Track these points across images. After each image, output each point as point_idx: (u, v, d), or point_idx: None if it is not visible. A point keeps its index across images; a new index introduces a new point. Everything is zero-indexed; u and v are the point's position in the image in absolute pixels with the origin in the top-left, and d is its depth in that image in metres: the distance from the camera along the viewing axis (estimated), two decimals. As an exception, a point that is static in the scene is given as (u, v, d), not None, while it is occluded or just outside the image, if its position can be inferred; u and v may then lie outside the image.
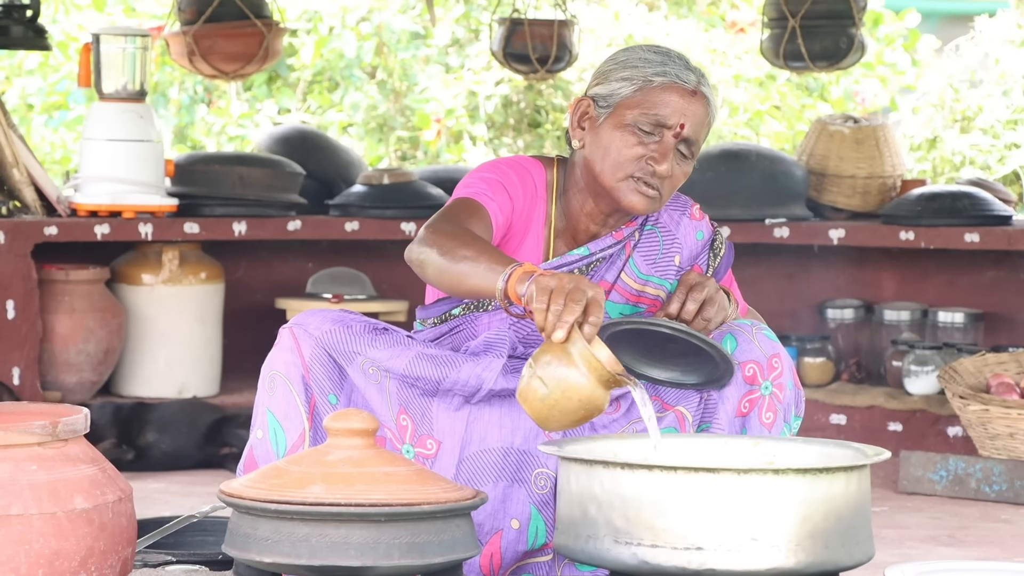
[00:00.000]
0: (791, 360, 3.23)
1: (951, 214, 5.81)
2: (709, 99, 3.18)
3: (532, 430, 3.17)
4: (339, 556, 2.55)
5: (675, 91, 3.14)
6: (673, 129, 3.14)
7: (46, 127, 9.51)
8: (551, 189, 3.26)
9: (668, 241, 3.29)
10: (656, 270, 3.28)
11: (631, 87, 3.15)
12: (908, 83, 9.31)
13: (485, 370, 3.14)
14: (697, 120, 3.16)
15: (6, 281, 5.49)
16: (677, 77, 3.14)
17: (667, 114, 3.13)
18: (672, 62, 3.16)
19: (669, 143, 3.14)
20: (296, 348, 3.11)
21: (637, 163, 3.14)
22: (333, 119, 9.30)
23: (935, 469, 5.10)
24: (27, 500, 2.63)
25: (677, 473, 2.58)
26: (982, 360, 5.41)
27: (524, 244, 3.23)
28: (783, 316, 6.23)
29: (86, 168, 5.78)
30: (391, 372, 3.13)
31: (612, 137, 3.15)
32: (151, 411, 5.37)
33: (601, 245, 3.24)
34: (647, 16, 9.22)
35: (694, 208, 3.35)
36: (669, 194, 3.20)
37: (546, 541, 3.18)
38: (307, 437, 3.10)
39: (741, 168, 6.02)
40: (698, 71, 3.19)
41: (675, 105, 3.14)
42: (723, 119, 8.87)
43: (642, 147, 3.14)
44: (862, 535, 2.68)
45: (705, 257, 3.33)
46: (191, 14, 6.09)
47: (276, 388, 3.11)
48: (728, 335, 3.20)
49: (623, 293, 3.26)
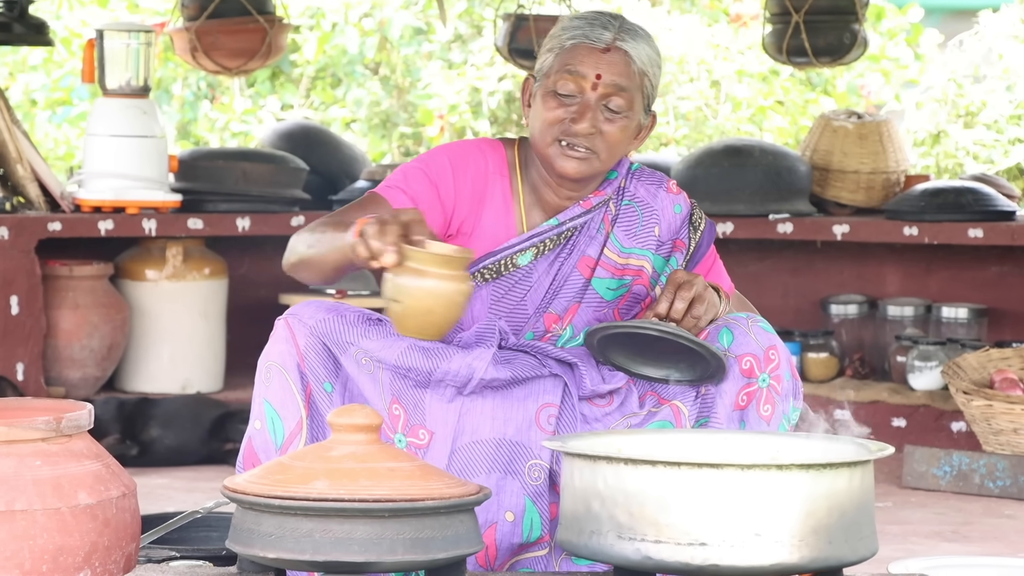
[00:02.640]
0: (788, 351, 3.23)
1: (955, 209, 5.81)
2: (630, 52, 3.19)
3: (525, 421, 3.18)
4: (343, 552, 2.55)
5: (585, 50, 3.18)
6: (589, 80, 3.17)
7: (50, 123, 9.51)
8: (513, 167, 3.29)
9: (647, 214, 3.32)
10: (637, 242, 3.30)
11: (552, 56, 3.21)
12: (911, 77, 9.30)
13: (476, 360, 3.15)
14: (616, 71, 3.18)
15: (10, 277, 5.49)
16: (587, 37, 3.18)
17: (580, 69, 3.17)
18: (589, 25, 3.20)
19: (588, 101, 3.17)
20: (291, 338, 3.13)
21: (560, 126, 3.18)
22: (336, 115, 9.30)
23: (939, 465, 5.10)
24: (31, 496, 2.63)
25: (681, 469, 2.58)
26: (986, 356, 5.41)
27: (484, 221, 3.25)
28: (787, 312, 6.24)
29: (90, 164, 5.78)
30: (383, 363, 3.14)
31: (539, 106, 3.21)
32: (155, 407, 5.37)
33: (570, 215, 3.27)
34: (650, 11, 9.21)
35: (671, 183, 3.37)
36: (608, 154, 3.22)
37: (541, 534, 3.18)
38: (304, 425, 3.11)
39: (745, 164, 6.02)
40: (622, 28, 3.21)
41: (588, 63, 3.17)
42: (726, 115, 8.87)
43: (563, 110, 3.18)
44: (866, 531, 2.68)
45: (685, 232, 3.35)
46: (194, 10, 6.09)
47: (272, 378, 3.12)
48: (724, 329, 3.20)
49: (608, 268, 3.28)
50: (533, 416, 3.18)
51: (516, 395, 3.19)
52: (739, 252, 6.26)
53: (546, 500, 3.18)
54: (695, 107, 8.89)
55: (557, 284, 3.27)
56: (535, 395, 3.19)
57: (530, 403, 3.19)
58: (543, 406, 3.19)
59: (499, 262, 3.25)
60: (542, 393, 3.19)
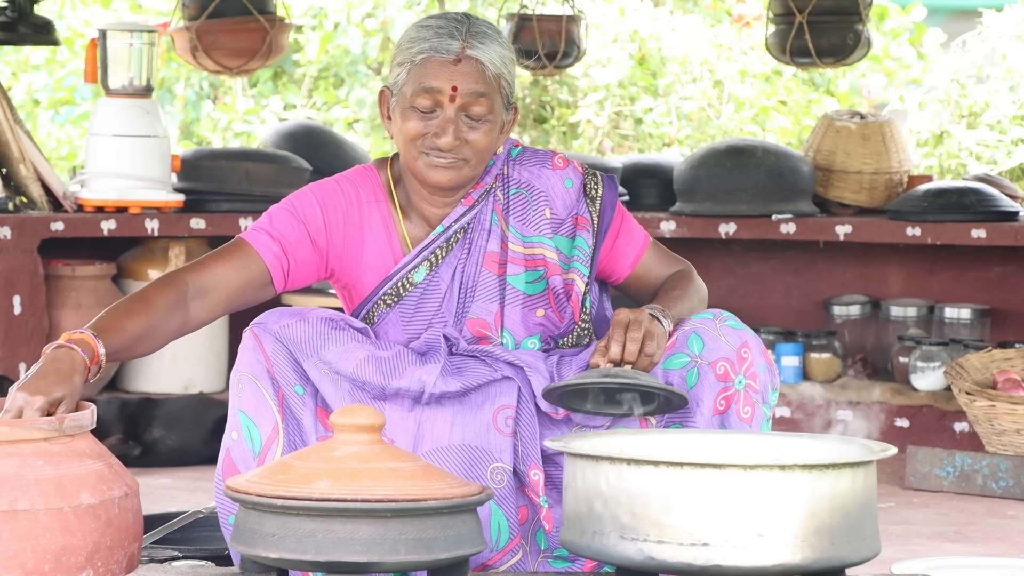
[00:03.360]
0: (759, 341, 3.18)
1: (958, 210, 5.80)
2: (481, 59, 3.16)
3: (483, 425, 3.18)
4: (345, 552, 2.55)
5: (436, 63, 3.14)
6: (446, 94, 3.15)
7: (52, 123, 9.51)
8: (389, 187, 3.27)
9: (535, 197, 3.28)
10: (534, 229, 3.26)
11: (404, 71, 3.17)
12: (914, 77, 9.29)
13: (425, 375, 3.16)
14: (471, 78, 3.15)
15: (13, 277, 5.49)
16: (435, 51, 3.15)
17: (434, 84, 3.14)
18: (437, 36, 3.16)
19: (448, 115, 3.15)
20: (258, 346, 3.14)
21: (423, 140, 3.16)
22: (339, 115, 9.30)
23: (941, 465, 5.10)
24: (33, 496, 2.63)
25: (683, 469, 2.58)
26: (989, 356, 5.41)
27: (368, 250, 3.24)
28: (789, 312, 6.23)
29: (92, 164, 5.78)
30: (341, 374, 3.15)
31: (399, 122, 3.18)
32: (157, 407, 5.37)
33: (453, 216, 3.25)
34: (653, 11, 9.21)
35: (556, 158, 3.32)
36: (478, 159, 3.19)
37: (511, 537, 3.17)
38: (280, 430, 3.12)
39: (747, 164, 6.02)
40: (470, 32, 3.17)
41: (441, 76, 3.14)
42: (729, 115, 8.86)
43: (422, 124, 3.16)
44: (868, 531, 2.67)
45: (583, 206, 3.29)
46: (195, 10, 6.09)
47: (244, 388, 3.14)
48: (693, 335, 3.16)
49: (518, 262, 3.25)
50: (491, 420, 3.18)
51: (474, 400, 3.19)
52: (742, 252, 6.26)
53: (512, 503, 3.17)
54: (698, 107, 8.88)
55: (468, 287, 3.24)
56: (491, 399, 3.19)
57: (487, 407, 3.18)
58: (500, 408, 3.18)
59: (396, 285, 3.23)
60: (498, 396, 3.19)
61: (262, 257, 3.18)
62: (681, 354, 3.16)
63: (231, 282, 3.17)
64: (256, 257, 3.18)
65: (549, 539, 3.19)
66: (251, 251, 3.18)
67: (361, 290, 3.25)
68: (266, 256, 3.18)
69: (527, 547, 3.20)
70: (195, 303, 3.14)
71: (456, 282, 3.24)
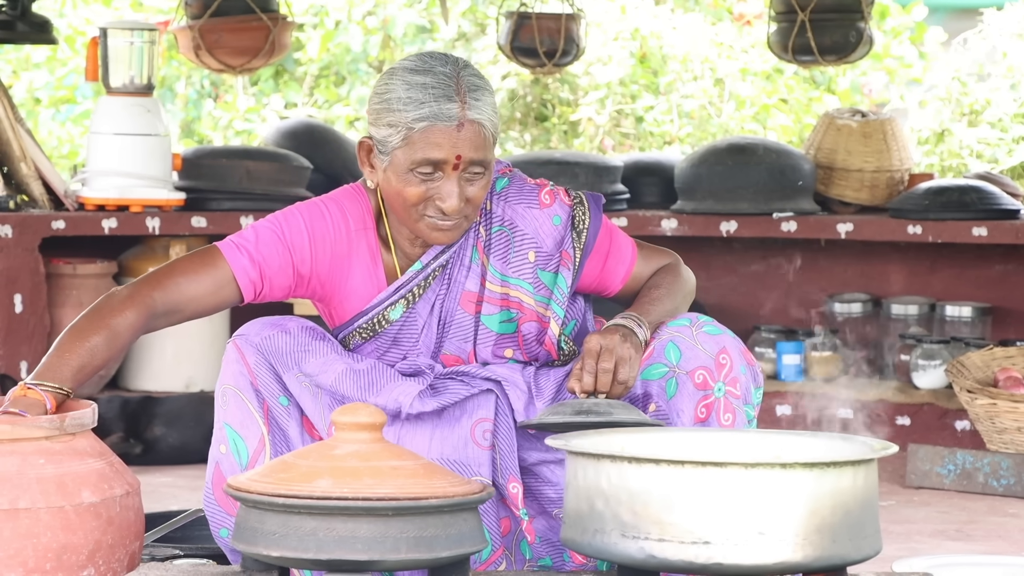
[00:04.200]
0: (738, 343, 3.13)
1: (959, 208, 5.80)
2: (481, 121, 3.04)
3: (461, 439, 3.17)
4: (346, 550, 2.55)
5: (439, 132, 3.02)
6: (450, 163, 3.04)
7: (53, 121, 9.51)
8: (379, 213, 3.20)
9: (518, 238, 3.20)
10: (512, 270, 3.19)
11: (398, 136, 3.04)
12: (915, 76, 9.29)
13: (402, 395, 3.14)
14: (473, 145, 3.04)
15: (14, 275, 5.49)
16: (436, 118, 3.01)
17: (439, 154, 3.03)
18: (431, 96, 3.02)
19: (452, 179, 3.05)
20: (241, 359, 3.13)
21: (425, 205, 3.07)
22: (340, 113, 9.30)
23: (943, 463, 5.10)
24: (35, 494, 2.63)
25: (684, 467, 2.58)
26: (990, 354, 5.41)
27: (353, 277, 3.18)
28: (791, 310, 6.23)
29: (93, 162, 5.78)
30: (321, 387, 3.14)
31: (396, 184, 3.06)
32: (158, 405, 5.37)
33: (432, 254, 3.18)
34: (654, 9, 9.21)
35: (542, 193, 3.22)
36: (475, 212, 3.11)
37: (492, 549, 3.16)
38: (266, 442, 3.11)
39: (748, 162, 6.01)
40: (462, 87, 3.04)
41: (445, 144, 3.03)
42: (730, 113, 8.86)
43: (425, 187, 3.05)
44: (869, 529, 2.67)
45: (569, 240, 3.21)
46: (197, 8, 6.09)
47: (229, 401, 3.12)
48: (670, 344, 3.12)
49: (494, 302, 3.19)
50: (468, 433, 3.17)
51: (452, 415, 3.18)
52: (743, 250, 6.26)
53: (494, 516, 3.16)
54: (699, 105, 8.88)
55: (446, 322, 3.20)
56: (469, 412, 3.18)
57: (464, 420, 3.17)
58: (477, 422, 3.17)
59: (372, 320, 3.18)
60: (475, 409, 3.18)
61: (237, 280, 3.09)
62: (659, 364, 3.12)
63: (199, 303, 3.09)
64: (230, 279, 3.09)
65: (533, 550, 3.19)
66: (225, 271, 3.09)
67: (342, 314, 3.21)
68: (241, 280, 3.10)
69: (511, 557, 3.19)
70: (161, 320, 3.06)
71: (435, 317, 3.19)
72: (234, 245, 3.11)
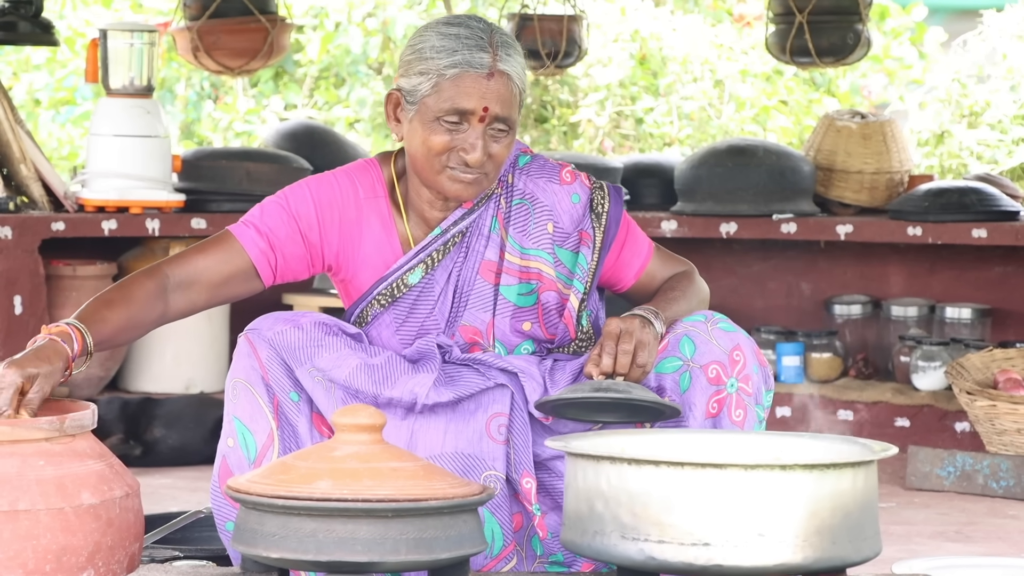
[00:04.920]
0: (752, 343, 3.15)
1: (959, 210, 5.81)
2: (511, 74, 3.11)
3: (476, 433, 3.17)
4: (346, 552, 2.55)
5: (470, 79, 3.09)
6: (477, 114, 3.10)
7: (53, 123, 9.51)
8: (392, 183, 3.24)
9: (537, 210, 3.24)
10: (532, 241, 3.23)
11: (428, 82, 3.10)
12: (915, 77, 9.30)
13: (417, 385, 3.14)
14: (501, 98, 3.10)
15: (13, 276, 5.49)
16: (469, 65, 3.08)
17: (467, 103, 3.09)
18: (463, 46, 3.09)
19: (477, 130, 3.10)
20: (253, 352, 3.13)
21: (449, 155, 3.12)
22: (340, 115, 9.30)
23: (942, 465, 5.10)
24: (34, 495, 2.63)
25: (684, 469, 2.58)
26: (989, 356, 5.41)
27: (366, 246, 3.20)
28: (790, 312, 6.23)
29: (93, 164, 5.78)
30: (335, 382, 3.14)
31: (422, 132, 3.12)
32: (158, 407, 5.37)
33: (452, 220, 3.21)
34: (654, 11, 9.21)
35: (564, 172, 3.28)
36: (496, 172, 3.16)
37: (504, 544, 3.16)
38: (275, 437, 3.11)
39: (748, 164, 6.02)
40: (496, 42, 3.12)
41: (474, 93, 3.09)
42: (729, 114, 8.87)
43: (450, 137, 3.10)
44: (869, 531, 2.67)
45: (588, 221, 3.26)
46: (196, 9, 6.09)
47: (239, 395, 3.12)
48: (684, 338, 3.13)
49: (513, 273, 3.22)
50: (483, 427, 3.17)
51: (467, 408, 3.18)
52: (743, 252, 6.26)
53: (506, 511, 3.16)
54: (699, 107, 8.89)
55: (462, 292, 3.22)
56: (484, 406, 3.18)
57: (480, 415, 3.17)
58: (493, 416, 3.17)
59: (391, 286, 3.20)
60: (491, 404, 3.18)
61: (247, 252, 3.15)
62: (673, 358, 3.14)
63: (212, 275, 3.14)
64: (240, 251, 3.15)
65: (545, 545, 3.19)
66: (236, 244, 3.15)
67: (359, 285, 3.23)
68: (251, 251, 3.15)
69: (522, 553, 3.19)
70: (175, 295, 3.11)
71: (451, 286, 3.22)
72: (241, 223, 3.19)
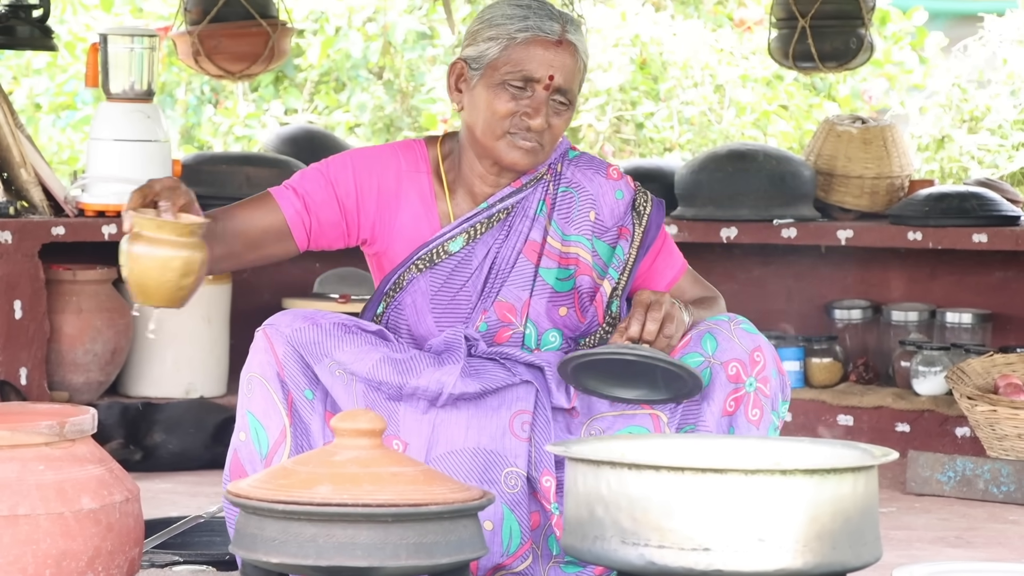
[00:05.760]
0: (772, 348, 3.21)
1: (959, 214, 5.80)
2: (577, 46, 3.21)
3: (499, 429, 3.17)
4: (346, 556, 2.55)
5: (539, 44, 3.18)
6: (543, 82, 3.17)
7: (54, 127, 9.51)
8: (436, 162, 3.29)
9: (583, 198, 3.31)
10: (575, 228, 3.29)
11: (497, 46, 3.19)
12: (916, 82, 9.30)
13: (444, 375, 3.16)
14: (566, 69, 3.19)
15: (13, 281, 5.49)
16: (539, 30, 3.18)
17: (534, 68, 3.17)
18: (534, 14, 3.19)
19: (541, 96, 3.18)
20: (270, 348, 3.14)
21: (511, 119, 3.19)
22: (340, 119, 9.30)
23: (943, 470, 5.09)
24: (34, 500, 2.63)
25: (684, 474, 2.58)
26: (990, 361, 5.40)
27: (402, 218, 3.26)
28: (790, 316, 6.23)
29: (93, 168, 5.78)
30: (356, 375, 3.15)
31: (485, 97, 3.20)
32: (158, 411, 5.36)
33: (499, 196, 3.27)
34: (654, 16, 9.21)
35: (611, 169, 3.36)
36: (551, 145, 3.23)
37: (522, 542, 3.16)
38: (288, 434, 3.12)
39: (748, 168, 6.01)
40: (564, 17, 3.22)
41: (541, 58, 3.17)
42: (730, 119, 8.86)
43: (514, 103, 3.18)
44: (870, 536, 2.67)
45: (629, 218, 3.33)
46: (197, 14, 6.09)
47: (254, 389, 3.13)
48: (707, 335, 3.18)
49: (553, 257, 3.27)
50: (507, 424, 3.17)
51: (489, 404, 3.19)
52: (743, 257, 6.26)
53: (525, 508, 3.17)
54: (699, 112, 8.89)
55: (500, 269, 3.25)
56: (508, 403, 3.19)
57: (503, 411, 3.18)
58: (516, 413, 3.18)
59: (431, 251, 3.24)
60: (515, 401, 3.19)
61: (283, 211, 3.23)
62: (694, 353, 3.19)
63: (249, 229, 3.23)
64: (276, 209, 3.24)
65: (561, 545, 3.19)
66: (272, 203, 3.25)
67: (392, 256, 3.27)
68: (287, 210, 3.23)
69: (538, 552, 3.20)
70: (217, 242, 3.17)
71: (488, 261, 3.26)
72: (281, 185, 3.29)
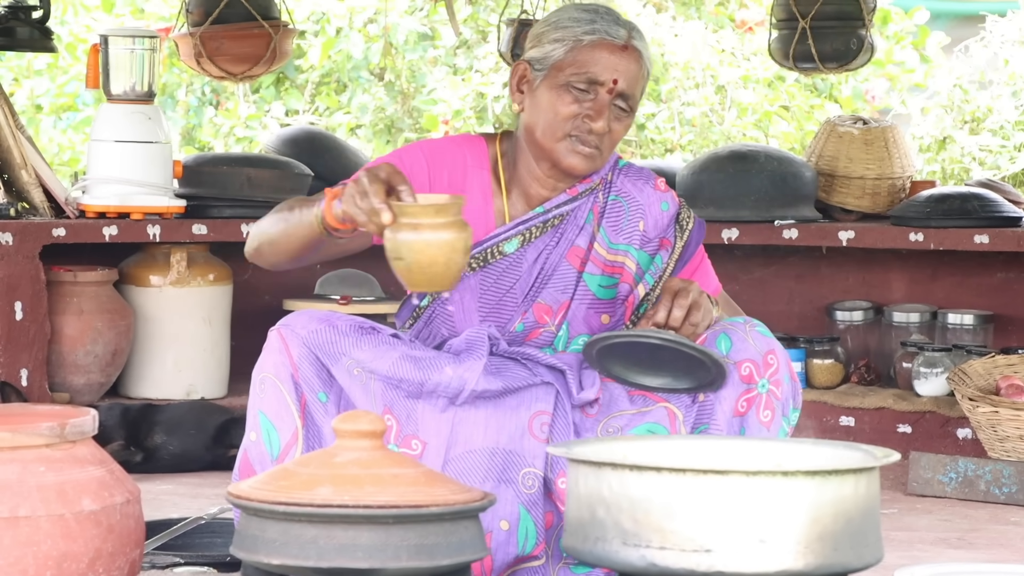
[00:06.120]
0: (786, 354, 3.23)
1: (961, 215, 5.80)
2: (642, 52, 3.22)
3: (518, 429, 3.17)
4: (347, 558, 2.55)
5: (606, 48, 3.19)
6: (607, 86, 3.18)
7: (55, 128, 9.52)
8: (495, 160, 3.29)
9: (633, 208, 3.33)
10: (623, 237, 3.30)
11: (563, 48, 3.19)
12: (917, 82, 9.30)
13: (467, 371, 3.15)
14: (630, 75, 3.20)
15: (14, 282, 5.49)
16: (607, 34, 3.19)
17: (599, 71, 3.18)
18: (601, 19, 3.21)
19: (604, 100, 3.19)
20: (284, 349, 3.12)
21: (573, 121, 3.19)
22: (341, 120, 9.30)
23: (944, 471, 5.09)
24: (35, 502, 2.63)
25: (686, 475, 2.57)
26: (992, 362, 5.40)
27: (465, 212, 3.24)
28: (792, 318, 6.23)
29: (94, 169, 5.78)
30: (375, 373, 3.14)
31: (548, 98, 3.20)
32: (159, 413, 5.36)
33: (555, 202, 3.27)
34: (655, 17, 9.21)
35: (658, 181, 3.39)
36: (609, 150, 3.24)
37: (537, 542, 3.17)
38: (300, 436, 3.11)
39: (750, 169, 6.01)
40: (629, 25, 3.23)
41: (607, 62, 3.18)
42: (732, 120, 8.87)
43: (577, 105, 3.19)
44: (871, 537, 2.67)
45: (672, 231, 3.36)
46: (199, 15, 6.09)
47: (266, 389, 3.12)
48: (722, 334, 3.19)
49: (598, 264, 3.28)
50: (526, 424, 3.17)
51: (509, 404, 3.18)
52: (744, 258, 6.25)
53: (540, 509, 3.17)
54: (700, 113, 8.89)
55: (545, 273, 3.26)
56: (527, 403, 3.18)
57: (523, 411, 3.18)
58: (536, 414, 3.18)
59: (485, 250, 3.25)
60: (534, 401, 3.18)
61: None
62: None
63: None
64: None
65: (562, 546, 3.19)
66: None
67: None
68: None
69: (549, 552, 3.20)
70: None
71: (537, 266, 3.27)
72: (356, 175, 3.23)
